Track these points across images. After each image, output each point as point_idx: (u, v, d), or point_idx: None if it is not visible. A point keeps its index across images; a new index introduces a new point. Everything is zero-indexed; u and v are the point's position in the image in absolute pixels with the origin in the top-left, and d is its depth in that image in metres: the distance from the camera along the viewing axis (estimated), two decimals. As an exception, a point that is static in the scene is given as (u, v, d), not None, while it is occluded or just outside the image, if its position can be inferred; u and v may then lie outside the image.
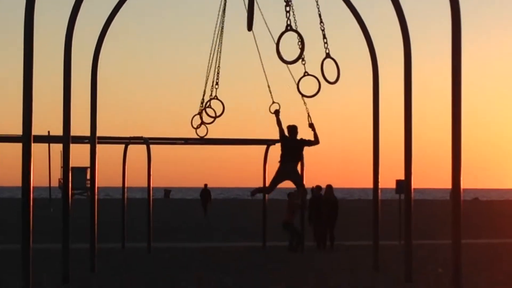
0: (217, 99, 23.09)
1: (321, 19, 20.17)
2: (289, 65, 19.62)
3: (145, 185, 29.18)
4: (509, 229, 41.42)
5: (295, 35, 18.96)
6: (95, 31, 20.86)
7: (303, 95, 20.42)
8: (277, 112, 20.89)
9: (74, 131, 19.56)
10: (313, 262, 25.08)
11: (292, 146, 20.45)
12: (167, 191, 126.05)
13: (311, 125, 20.65)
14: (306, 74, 19.94)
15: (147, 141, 28.22)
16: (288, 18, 19.10)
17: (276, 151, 30.04)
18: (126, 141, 29.15)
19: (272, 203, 38.21)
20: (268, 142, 29.73)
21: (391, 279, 19.66)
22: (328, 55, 20.06)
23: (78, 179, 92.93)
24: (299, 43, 19.00)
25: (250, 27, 21.51)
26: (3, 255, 26.04)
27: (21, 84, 15.72)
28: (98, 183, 22.09)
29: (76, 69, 19.17)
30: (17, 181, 16.44)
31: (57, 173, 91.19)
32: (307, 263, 24.79)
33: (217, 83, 22.91)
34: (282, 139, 20.55)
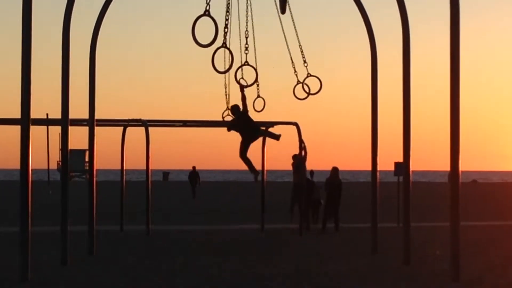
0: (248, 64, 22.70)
1: None
2: None
3: (144, 167, 29.18)
4: (507, 212, 41.43)
5: None
6: (94, 12, 20.80)
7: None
8: (242, 88, 21.91)
9: (73, 114, 19.57)
10: (312, 244, 25.11)
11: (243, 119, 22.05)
12: (165, 173, 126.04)
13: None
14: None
15: (146, 124, 28.17)
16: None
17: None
18: (125, 124, 29.14)
19: (270, 184, 38.22)
20: (267, 125, 29.67)
21: (389, 261, 19.70)
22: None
23: (77, 161, 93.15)
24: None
25: (283, 10, 21.64)
26: (2, 238, 26.06)
27: (20, 67, 15.73)
28: (96, 165, 22.12)
29: (75, 52, 19.17)
30: (16, 164, 16.45)
31: (55, 156, 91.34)
32: (306, 245, 24.80)
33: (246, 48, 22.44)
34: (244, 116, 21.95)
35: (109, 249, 22.72)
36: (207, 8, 18.77)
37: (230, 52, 20.39)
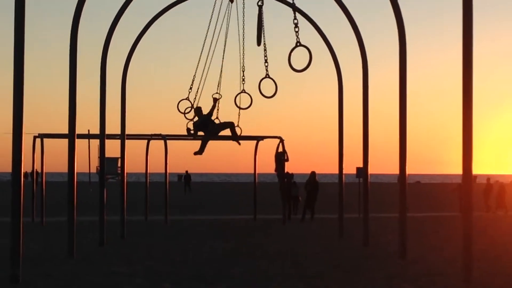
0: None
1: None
2: None
3: (163, 171, 29.19)
4: (443, 206, 41.46)
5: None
6: (126, 46, 20.82)
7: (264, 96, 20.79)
8: (215, 100, 22.42)
9: (108, 130, 19.59)
10: (293, 230, 25.11)
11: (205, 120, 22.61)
12: (180, 176, 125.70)
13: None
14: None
15: (165, 137, 28.23)
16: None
17: (263, 145, 30.24)
18: (148, 137, 29.17)
19: (261, 184, 38.19)
20: (258, 138, 29.74)
21: (352, 244, 19.70)
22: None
23: (111, 166, 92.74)
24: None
25: (259, 42, 21.17)
26: (53, 226, 26.04)
27: (67, 92, 15.76)
28: (126, 169, 22.13)
29: (110, 81, 19.19)
30: (64, 168, 16.46)
31: (95, 162, 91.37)
32: (288, 231, 24.80)
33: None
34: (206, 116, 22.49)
35: (136, 234, 22.70)
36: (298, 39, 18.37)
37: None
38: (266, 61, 20.96)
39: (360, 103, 19.04)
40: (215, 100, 22.52)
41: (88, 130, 41.90)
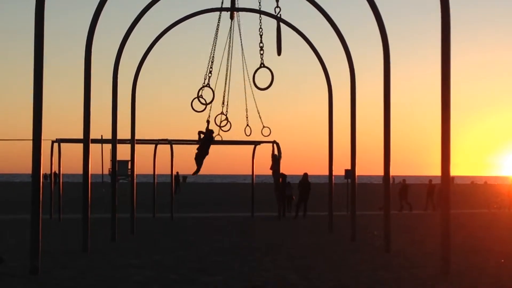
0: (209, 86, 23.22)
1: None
2: None
3: (169, 172, 29.21)
4: (419, 204, 41.39)
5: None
6: (136, 58, 20.81)
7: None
8: (208, 122, 24.26)
9: (119, 135, 19.60)
10: (287, 226, 25.12)
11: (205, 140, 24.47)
12: (184, 177, 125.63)
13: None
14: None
15: (171, 142, 28.24)
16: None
17: (260, 150, 30.26)
18: (156, 142, 29.19)
19: (258, 185, 38.18)
20: (255, 143, 29.77)
21: (341, 238, 19.71)
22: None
23: (122, 168, 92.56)
24: None
25: (279, 52, 21.21)
26: (69, 223, 26.03)
27: (82, 101, 15.77)
28: (136, 171, 22.14)
29: (121, 91, 19.21)
30: (80, 170, 16.49)
31: (107, 164, 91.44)
32: (283, 227, 24.81)
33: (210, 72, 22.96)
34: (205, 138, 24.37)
35: (145, 230, 22.70)
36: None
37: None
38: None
39: (348, 110, 19.10)
40: (209, 123, 24.42)
41: (101, 136, 41.79)
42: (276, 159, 28.37)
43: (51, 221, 26.57)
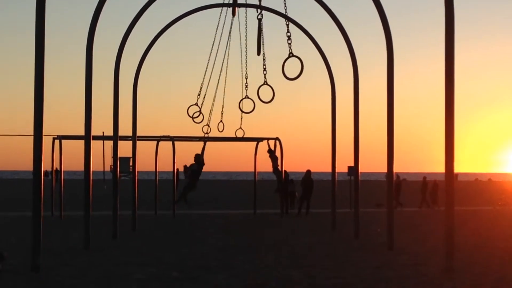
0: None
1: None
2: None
3: (171, 169, 29.20)
4: (415, 202, 41.32)
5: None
6: (138, 54, 20.79)
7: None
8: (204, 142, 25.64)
9: (121, 132, 19.58)
10: (290, 223, 25.11)
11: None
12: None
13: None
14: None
15: (172, 139, 28.24)
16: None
17: (262, 147, 30.25)
18: (158, 139, 29.17)
19: (260, 182, 38.15)
20: (257, 140, 29.77)
21: (344, 236, 19.71)
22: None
23: (124, 165, 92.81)
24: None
25: (259, 52, 21.20)
26: (70, 220, 26.03)
27: (84, 98, 15.77)
28: (137, 168, 22.15)
29: (122, 88, 19.20)
30: (81, 167, 16.49)
31: (109, 161, 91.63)
32: (285, 224, 24.80)
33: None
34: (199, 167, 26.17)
35: (146, 227, 22.70)
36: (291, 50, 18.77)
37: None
38: (264, 69, 21.00)
39: (351, 107, 19.08)
40: (205, 143, 25.88)
41: (103, 132, 41.92)
42: (272, 154, 28.22)
43: (52, 219, 26.59)
